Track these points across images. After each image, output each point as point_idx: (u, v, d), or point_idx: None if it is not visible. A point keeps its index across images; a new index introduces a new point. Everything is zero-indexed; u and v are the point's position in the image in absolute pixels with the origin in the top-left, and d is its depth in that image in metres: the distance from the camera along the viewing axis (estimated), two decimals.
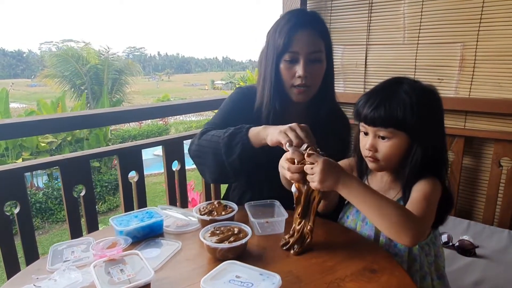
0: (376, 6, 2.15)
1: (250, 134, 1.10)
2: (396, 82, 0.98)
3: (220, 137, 1.13)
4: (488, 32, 1.79)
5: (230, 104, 1.32)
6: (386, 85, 0.99)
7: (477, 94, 1.86)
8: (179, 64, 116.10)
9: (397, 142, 0.94)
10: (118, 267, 0.80)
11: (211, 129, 1.21)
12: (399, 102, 0.91)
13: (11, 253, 1.41)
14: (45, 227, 7.30)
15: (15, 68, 78.84)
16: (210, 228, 0.96)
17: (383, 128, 0.93)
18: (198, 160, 1.22)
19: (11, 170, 1.40)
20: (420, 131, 0.93)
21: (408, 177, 0.96)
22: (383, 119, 0.93)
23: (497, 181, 1.79)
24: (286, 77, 1.19)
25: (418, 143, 0.94)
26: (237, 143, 1.10)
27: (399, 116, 0.91)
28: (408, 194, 0.96)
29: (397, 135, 0.93)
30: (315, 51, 1.16)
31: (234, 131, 1.12)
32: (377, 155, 0.96)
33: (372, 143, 0.96)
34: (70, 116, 1.74)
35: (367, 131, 0.98)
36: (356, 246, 0.96)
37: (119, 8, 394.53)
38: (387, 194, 1.01)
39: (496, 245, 1.57)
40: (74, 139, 9.58)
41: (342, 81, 2.37)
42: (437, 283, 1.03)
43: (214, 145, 1.14)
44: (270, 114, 1.23)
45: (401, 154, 0.96)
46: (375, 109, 0.93)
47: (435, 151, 0.96)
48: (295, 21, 1.16)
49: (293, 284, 0.80)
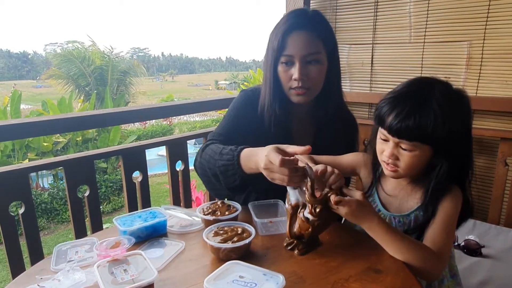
0: (381, 5, 2.14)
1: (244, 166, 1.04)
2: (426, 87, 0.88)
3: (216, 161, 1.10)
4: (495, 30, 1.78)
5: (233, 112, 1.29)
6: (415, 91, 0.89)
7: (484, 93, 1.85)
8: (183, 64, 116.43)
9: (419, 154, 0.88)
10: (121, 267, 0.79)
11: (213, 142, 1.20)
12: (430, 114, 0.83)
13: (16, 253, 1.42)
14: (51, 227, 7.34)
15: (21, 70, 79.47)
16: (213, 228, 0.95)
17: (407, 141, 0.86)
18: (202, 177, 1.22)
19: (16, 170, 1.41)
20: (447, 145, 0.86)
21: (433, 190, 0.91)
22: (410, 133, 0.84)
23: (503, 180, 1.77)
24: (284, 80, 1.18)
25: (444, 157, 0.88)
26: (234, 174, 1.07)
27: (428, 131, 0.83)
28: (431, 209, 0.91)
29: (421, 147, 0.87)
30: (311, 52, 1.13)
31: (226, 162, 1.07)
32: (397, 163, 0.90)
33: (393, 152, 0.89)
34: (74, 116, 1.74)
35: (387, 138, 0.90)
36: (360, 246, 0.95)
37: (123, 9, 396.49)
38: (405, 201, 0.99)
39: (502, 244, 1.55)
40: (82, 140, 9.65)
41: (348, 80, 2.36)
42: (451, 282, 1.03)
43: (212, 167, 1.12)
44: (271, 118, 1.22)
45: (423, 165, 0.91)
46: (402, 120, 0.84)
47: (461, 161, 0.91)
48: (291, 22, 1.14)
49: (297, 284, 0.80)
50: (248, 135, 1.22)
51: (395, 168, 0.91)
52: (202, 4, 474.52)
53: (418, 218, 0.95)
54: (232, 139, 1.19)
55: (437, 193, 0.91)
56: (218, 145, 1.14)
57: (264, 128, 1.23)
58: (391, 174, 0.94)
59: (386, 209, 1.01)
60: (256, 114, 1.25)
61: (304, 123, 1.30)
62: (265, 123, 1.23)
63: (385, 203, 1.02)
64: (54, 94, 19.04)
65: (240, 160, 1.04)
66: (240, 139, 1.18)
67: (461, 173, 0.93)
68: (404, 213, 0.98)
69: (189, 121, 17.74)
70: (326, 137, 1.27)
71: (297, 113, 1.27)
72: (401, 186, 1.00)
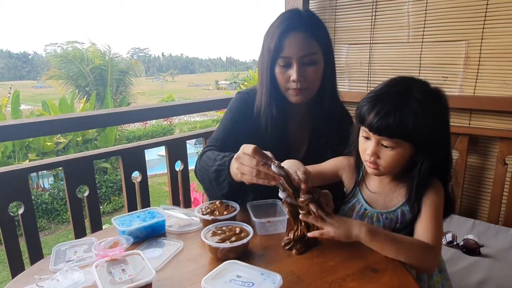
0: (380, 5, 2.14)
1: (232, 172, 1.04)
2: (405, 87, 0.91)
3: (210, 167, 1.11)
4: (492, 30, 1.78)
5: (230, 115, 1.29)
6: (394, 91, 0.92)
7: (482, 92, 1.85)
8: (183, 64, 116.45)
9: (400, 152, 0.90)
10: (119, 267, 0.80)
11: (211, 148, 1.20)
12: (409, 112, 0.86)
13: (16, 253, 1.42)
14: (51, 227, 7.35)
15: (21, 70, 79.52)
16: (211, 228, 0.96)
17: (388, 138, 0.89)
18: (202, 184, 1.22)
19: (15, 171, 1.41)
20: (428, 142, 0.89)
21: (416, 186, 0.93)
22: (391, 130, 0.87)
23: (502, 180, 1.78)
24: (281, 81, 1.18)
25: (425, 153, 0.91)
26: (224, 181, 1.07)
27: (408, 128, 0.86)
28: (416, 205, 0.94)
29: (402, 145, 0.89)
30: (308, 54, 1.13)
31: (218, 167, 1.08)
32: (379, 161, 0.93)
33: (375, 150, 0.92)
34: (75, 116, 1.75)
35: (368, 136, 0.93)
36: (357, 245, 0.95)
37: (123, 9, 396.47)
38: (390, 198, 1.00)
39: (501, 244, 1.56)
40: (82, 140, 9.65)
41: (347, 80, 2.36)
42: (439, 277, 1.05)
43: (207, 173, 1.12)
44: (268, 120, 1.22)
45: (404, 162, 0.93)
46: (383, 118, 0.87)
47: (441, 157, 0.94)
48: (286, 24, 1.14)
49: (294, 284, 0.80)
50: (244, 139, 1.22)
51: (377, 166, 0.93)
52: (202, 4, 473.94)
53: (404, 213, 0.97)
54: (229, 144, 1.19)
55: (421, 188, 0.94)
56: (214, 152, 1.15)
57: (261, 130, 1.23)
58: (374, 172, 0.96)
59: (371, 207, 1.02)
60: (252, 117, 1.25)
61: (300, 124, 1.30)
62: (262, 125, 1.23)
63: (370, 201, 1.03)
64: (54, 94, 19.05)
65: (230, 166, 1.05)
66: (237, 144, 1.18)
67: (442, 169, 0.96)
68: (390, 209, 1.00)
69: (190, 121, 17.74)
70: (322, 137, 1.28)
71: (293, 114, 1.28)
72: (384, 183, 1.02)
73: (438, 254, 0.93)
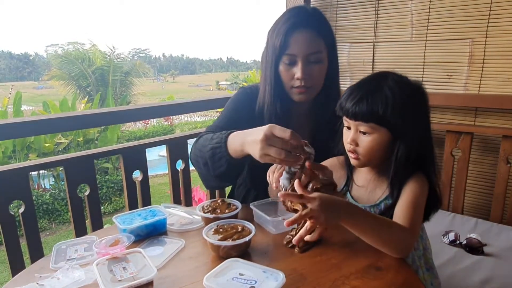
0: (383, 3, 2.13)
1: (230, 148, 1.03)
2: (381, 76, 0.96)
3: (206, 146, 1.09)
4: (497, 28, 1.77)
5: (232, 105, 1.29)
6: (370, 79, 0.98)
7: (487, 90, 1.84)
8: (184, 65, 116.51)
9: (377, 138, 0.93)
10: (120, 265, 0.79)
11: (209, 133, 1.18)
12: (381, 97, 0.90)
13: (16, 253, 1.41)
14: (52, 228, 7.35)
15: (22, 71, 79.64)
16: (213, 226, 0.95)
17: (364, 123, 0.92)
18: (195, 167, 1.20)
19: (16, 169, 1.40)
20: (402, 128, 0.91)
21: (394, 174, 0.95)
22: (364, 114, 0.91)
23: (506, 178, 1.76)
24: (286, 79, 1.17)
25: (401, 140, 0.93)
26: (221, 158, 1.05)
27: (380, 112, 0.90)
28: (396, 193, 0.95)
29: (378, 130, 0.92)
30: (313, 52, 1.13)
31: (214, 145, 1.06)
32: (358, 149, 0.95)
33: (353, 137, 0.95)
34: (76, 115, 1.74)
35: (349, 125, 0.97)
36: (361, 243, 0.94)
37: (123, 9, 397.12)
38: (373, 192, 1.02)
39: (504, 243, 1.54)
40: (84, 141, 9.65)
41: (349, 79, 2.35)
42: (427, 275, 1.05)
43: (203, 154, 1.10)
44: (272, 117, 1.21)
45: (383, 150, 0.95)
46: (356, 103, 0.92)
47: (420, 148, 0.95)
48: (293, 21, 1.13)
49: (297, 281, 0.79)
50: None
51: (357, 155, 0.96)
52: (203, 4, 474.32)
53: (387, 206, 0.98)
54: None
55: (400, 177, 0.95)
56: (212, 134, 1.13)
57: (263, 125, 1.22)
58: (355, 162, 0.99)
59: (357, 202, 1.03)
60: (254, 113, 1.24)
61: (303, 122, 1.30)
62: (264, 122, 1.23)
63: (356, 197, 1.05)
64: (55, 95, 19.07)
65: (227, 142, 1.03)
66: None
67: (423, 161, 0.97)
68: (374, 203, 1.00)
69: (190, 121, 17.73)
70: (324, 135, 1.27)
71: (296, 112, 1.27)
72: (370, 177, 1.04)
73: (413, 238, 0.92)
